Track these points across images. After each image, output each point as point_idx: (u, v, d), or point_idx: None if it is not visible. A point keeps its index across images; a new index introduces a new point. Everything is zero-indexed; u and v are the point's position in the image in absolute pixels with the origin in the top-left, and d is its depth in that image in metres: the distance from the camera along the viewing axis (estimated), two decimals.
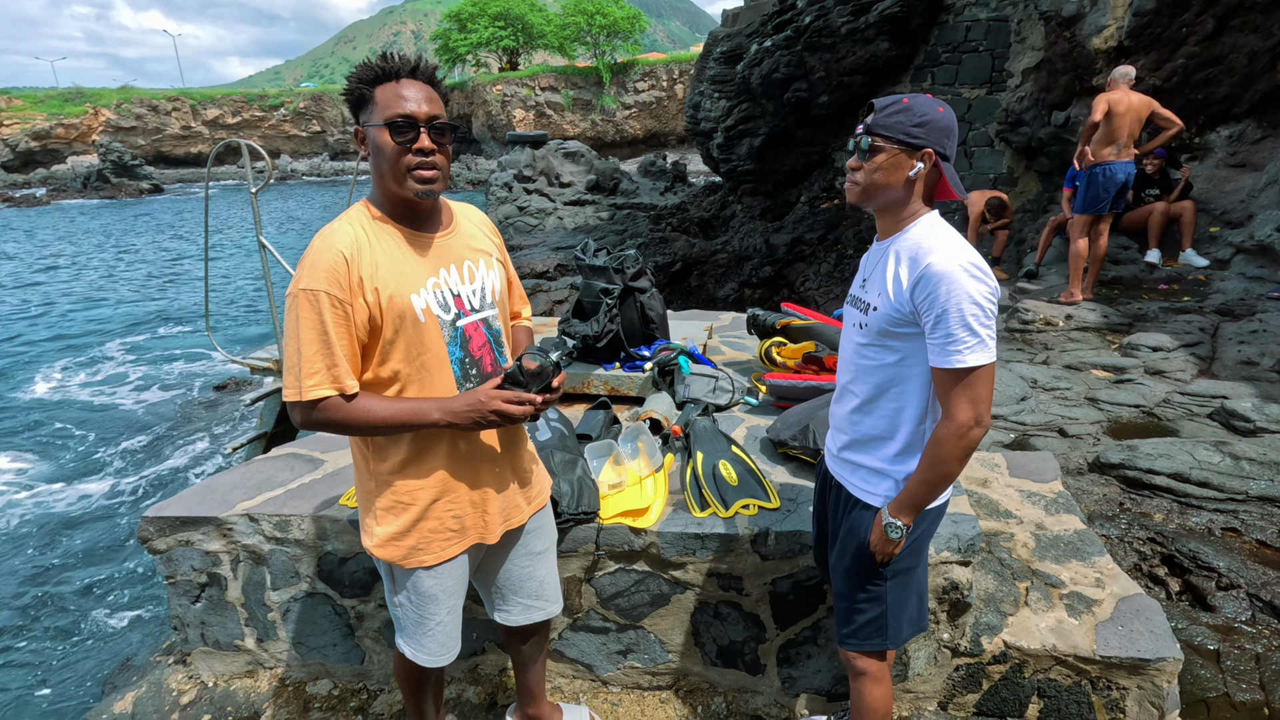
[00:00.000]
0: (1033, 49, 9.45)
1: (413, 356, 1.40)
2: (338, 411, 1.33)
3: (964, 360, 1.33)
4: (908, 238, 1.43)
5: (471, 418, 1.38)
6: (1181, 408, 4.25)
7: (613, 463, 2.28)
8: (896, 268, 1.42)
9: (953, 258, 1.32)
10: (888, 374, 1.48)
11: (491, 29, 43.08)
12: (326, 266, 1.29)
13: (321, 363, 1.31)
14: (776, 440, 2.39)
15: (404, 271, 1.38)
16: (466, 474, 1.53)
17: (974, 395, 1.35)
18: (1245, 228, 6.37)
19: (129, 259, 18.86)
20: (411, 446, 1.45)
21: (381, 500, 1.47)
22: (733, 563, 2.02)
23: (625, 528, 2.03)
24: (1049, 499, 2.70)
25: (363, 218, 1.39)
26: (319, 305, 1.29)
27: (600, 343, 2.88)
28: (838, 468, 1.66)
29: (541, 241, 15.55)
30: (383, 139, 1.33)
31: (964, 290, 1.30)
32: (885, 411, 1.51)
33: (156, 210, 30.43)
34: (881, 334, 1.45)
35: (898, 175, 1.40)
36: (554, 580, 1.81)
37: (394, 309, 1.35)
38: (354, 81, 1.36)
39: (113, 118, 43.48)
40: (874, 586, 1.59)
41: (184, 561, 2.30)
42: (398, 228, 1.41)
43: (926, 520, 1.56)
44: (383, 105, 1.33)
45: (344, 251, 1.31)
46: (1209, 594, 2.78)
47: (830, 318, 3.33)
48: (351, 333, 1.33)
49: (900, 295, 1.39)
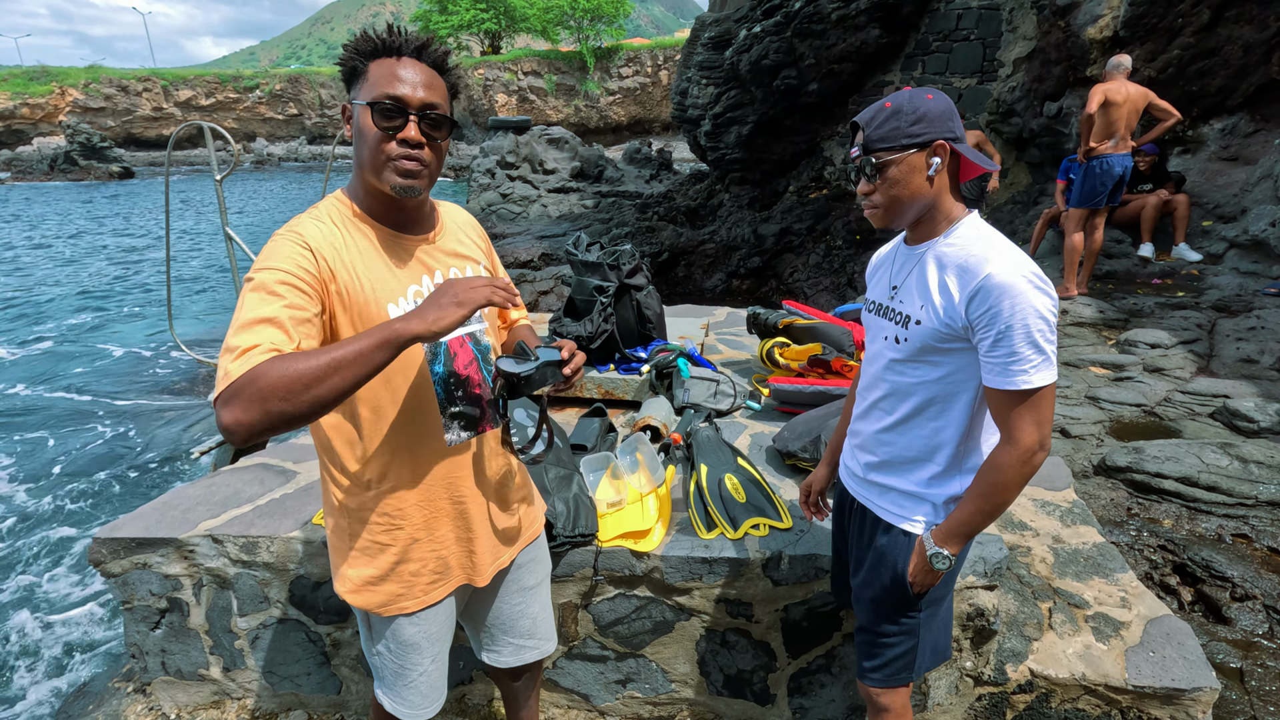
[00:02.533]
0: (1024, 38, 9.35)
1: (389, 374, 1.21)
2: (272, 373, 0.92)
3: (1029, 381, 1.18)
4: (951, 243, 1.28)
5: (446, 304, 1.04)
6: (1183, 407, 4.17)
7: (610, 477, 2.12)
8: (942, 277, 1.26)
9: (1014, 267, 1.17)
10: (930, 392, 1.33)
11: (473, 11, 42.21)
12: (288, 254, 1.09)
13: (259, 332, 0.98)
14: (785, 451, 2.24)
15: (380, 277, 1.19)
16: (452, 508, 1.34)
17: (1039, 417, 1.21)
18: (1238, 222, 6.33)
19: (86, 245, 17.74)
20: (388, 475, 1.26)
21: (355, 541, 1.28)
22: (742, 588, 1.87)
23: (626, 551, 1.87)
24: (1064, 509, 2.59)
25: (336, 213, 1.19)
26: (271, 279, 1.05)
27: (594, 344, 2.71)
28: (862, 490, 1.51)
29: (525, 230, 15.25)
30: (365, 120, 1.14)
31: (1029, 304, 1.15)
32: (923, 432, 1.37)
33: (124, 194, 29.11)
34: (925, 350, 1.30)
35: (917, 180, 1.26)
36: (548, 616, 1.64)
37: (365, 319, 1.16)
38: (350, 51, 1.17)
39: (80, 98, 42.08)
40: (907, 620, 1.45)
41: (141, 586, 2.10)
42: (376, 227, 1.21)
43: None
44: (373, 82, 1.14)
45: (310, 243, 1.11)
46: (1224, 605, 2.69)
47: (833, 316, 3.19)
48: (310, 304, 1.08)
49: (951, 309, 1.23)
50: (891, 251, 1.45)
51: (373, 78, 1.15)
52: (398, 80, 1.14)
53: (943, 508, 1.37)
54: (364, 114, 1.14)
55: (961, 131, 1.28)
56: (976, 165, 1.28)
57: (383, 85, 1.14)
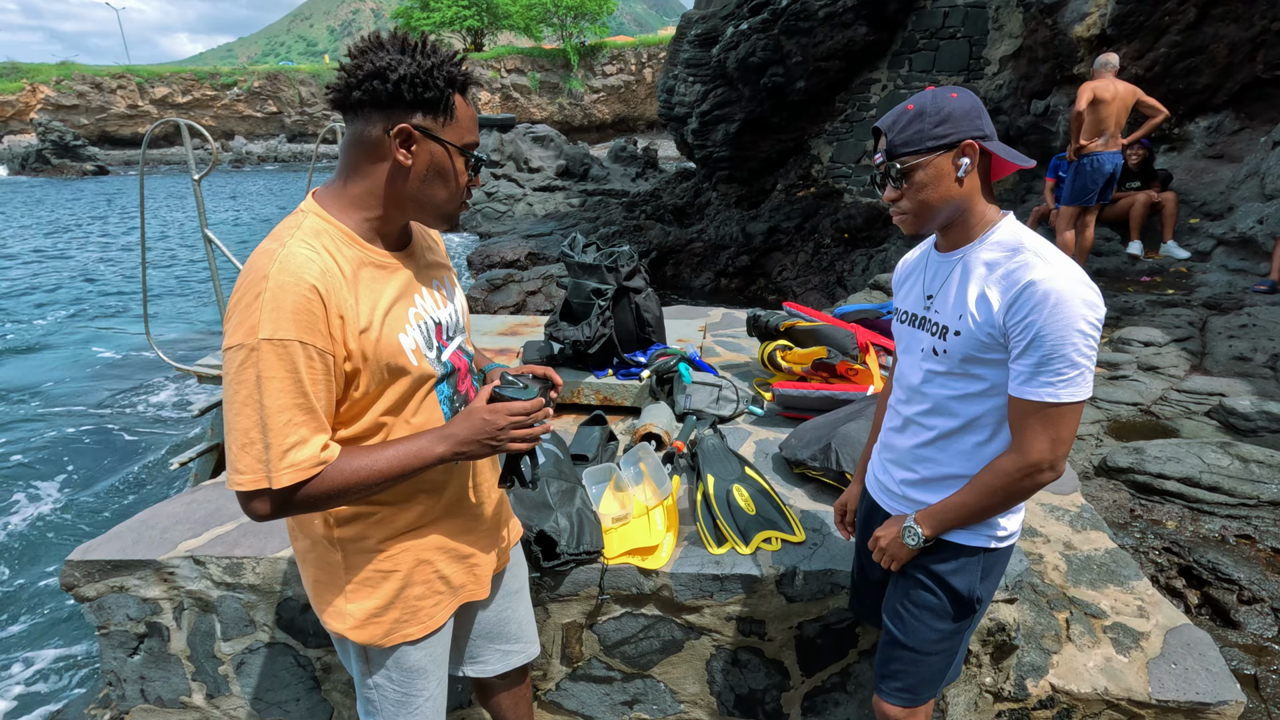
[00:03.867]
0: (1010, 36, 9.37)
1: (400, 406, 1.13)
2: (323, 484, 1.01)
3: (1056, 395, 1.12)
4: (988, 246, 1.21)
5: (483, 442, 1.11)
6: (1179, 405, 4.16)
7: (614, 489, 2.03)
8: (981, 285, 1.19)
9: (1059, 272, 1.10)
10: (973, 406, 1.27)
11: (455, 8, 41.81)
12: (296, 307, 0.96)
13: (301, 432, 0.99)
14: (793, 460, 2.17)
15: (385, 306, 1.09)
16: (455, 522, 1.27)
17: (1057, 435, 1.14)
18: (1226, 219, 6.36)
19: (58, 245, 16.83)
20: (395, 499, 1.18)
21: (353, 574, 1.18)
22: (754, 605, 1.79)
23: (633, 568, 1.79)
24: (1073, 514, 2.54)
25: (326, 236, 1.05)
26: (292, 359, 0.96)
27: (592, 348, 2.62)
28: (898, 506, 1.43)
29: (511, 229, 15.11)
30: (459, 166, 1.08)
31: (1074, 312, 1.08)
32: (965, 448, 1.30)
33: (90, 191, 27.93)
34: (966, 361, 1.23)
35: (946, 183, 1.19)
36: (530, 618, 1.59)
37: (383, 356, 1.06)
38: (437, 77, 1.02)
39: (52, 95, 41.10)
40: (947, 639, 1.38)
41: (118, 610, 1.98)
42: (367, 250, 1.10)
43: (1002, 561, 1.37)
44: (463, 125, 1.07)
45: (318, 287, 0.98)
46: (1232, 608, 2.66)
47: (833, 317, 3.12)
48: (332, 393, 1.03)
49: (990, 317, 1.16)
50: (921, 257, 1.38)
51: (462, 118, 1.06)
52: (474, 126, 1.09)
53: (984, 526, 1.31)
54: (457, 159, 1.08)
55: (991, 128, 1.20)
56: (1009, 163, 1.20)
57: (470, 130, 1.09)
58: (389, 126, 1.02)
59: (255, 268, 0.98)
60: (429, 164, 1.06)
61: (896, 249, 8.78)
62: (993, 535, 1.31)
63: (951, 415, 1.28)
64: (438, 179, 1.07)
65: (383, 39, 1.03)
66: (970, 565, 1.33)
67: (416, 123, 1.03)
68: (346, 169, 1.08)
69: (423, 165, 1.06)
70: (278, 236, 1.03)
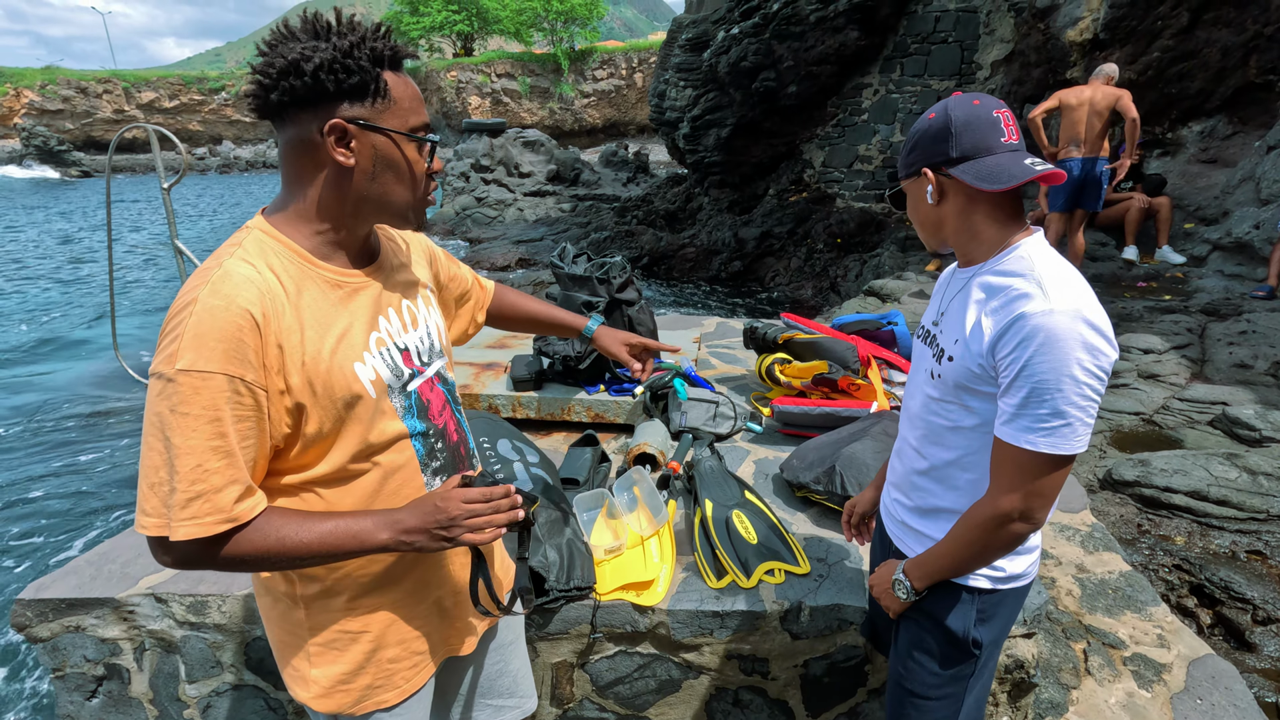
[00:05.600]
0: (1001, 41, 9.35)
1: (361, 444, 0.99)
2: (237, 545, 0.89)
3: (1034, 444, 1.00)
4: (997, 270, 1.10)
5: (433, 533, 0.96)
6: (1181, 414, 4.09)
7: (606, 517, 1.92)
8: (980, 310, 1.09)
9: (1058, 307, 0.97)
10: (964, 440, 1.16)
11: (445, 13, 41.64)
12: (224, 335, 0.83)
13: (213, 480, 0.85)
14: (795, 483, 2.06)
15: (339, 332, 0.95)
16: (434, 574, 1.13)
17: (1033, 488, 1.03)
18: (1221, 224, 6.33)
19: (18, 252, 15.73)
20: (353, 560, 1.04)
21: (318, 634, 1.05)
22: (757, 643, 1.68)
23: (628, 604, 1.67)
24: (1084, 533, 2.44)
25: (271, 254, 0.93)
26: (212, 394, 0.83)
27: (583, 364, 2.51)
28: (899, 534, 1.34)
29: (501, 234, 14.98)
30: (411, 154, 0.95)
31: (1066, 354, 0.96)
32: (959, 483, 1.19)
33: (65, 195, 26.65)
34: (960, 389, 1.13)
35: (924, 206, 1.17)
36: (527, 671, 1.45)
37: (335, 389, 0.93)
38: (359, 58, 0.88)
39: (37, 99, 40.61)
40: (942, 686, 1.27)
41: (74, 651, 1.85)
42: (325, 267, 0.97)
43: (1009, 602, 1.25)
44: (405, 106, 0.93)
45: (252, 312, 0.85)
46: (1246, 629, 2.57)
47: (832, 329, 3.02)
48: (265, 433, 0.90)
49: (979, 347, 1.06)
50: (951, 270, 1.29)
51: (400, 99, 0.93)
52: (420, 104, 0.96)
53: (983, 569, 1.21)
54: (407, 146, 0.94)
55: (966, 147, 1.07)
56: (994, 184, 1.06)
57: (415, 111, 0.95)
58: (320, 125, 0.90)
59: (187, 290, 0.87)
60: (374, 158, 0.93)
61: (890, 254, 8.72)
62: (988, 574, 1.20)
63: (944, 446, 1.19)
64: (389, 173, 0.95)
65: (292, 27, 0.90)
66: (964, 606, 1.21)
67: (348, 114, 0.90)
68: (288, 181, 0.96)
69: (368, 161, 0.93)
70: (217, 255, 0.91)
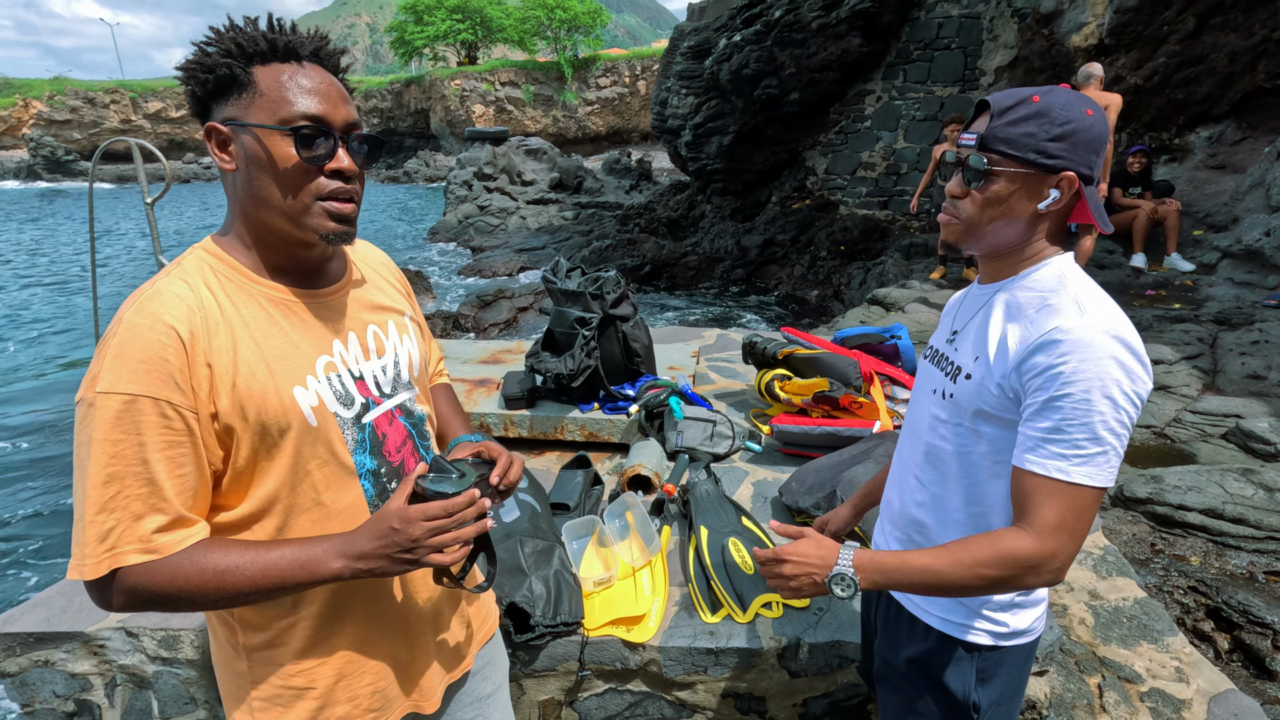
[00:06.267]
0: (1005, 47, 9.27)
1: (299, 479, 0.91)
2: (170, 581, 0.82)
3: (1066, 472, 0.90)
4: (1026, 285, 1.01)
5: (394, 557, 0.88)
6: (1194, 428, 3.99)
7: (597, 544, 1.84)
8: (1005, 325, 1.00)
9: (1095, 323, 0.89)
10: (973, 468, 1.06)
11: (449, 22, 41.90)
12: (147, 355, 0.79)
13: (133, 507, 0.80)
14: (795, 508, 1.98)
15: (280, 352, 0.90)
16: (390, 625, 1.03)
17: (1061, 520, 0.91)
18: (1230, 231, 6.23)
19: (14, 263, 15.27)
20: (306, 600, 0.96)
21: (260, 688, 0.97)
22: (754, 681, 1.60)
23: (617, 640, 1.59)
24: (1096, 556, 2.35)
25: (210, 271, 0.89)
26: (134, 417, 0.78)
27: (576, 381, 2.43)
28: None
29: (504, 242, 14.96)
30: (279, 150, 0.86)
31: (1104, 374, 0.87)
32: (961, 518, 1.09)
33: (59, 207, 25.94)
34: (972, 412, 1.03)
35: (1021, 208, 0.97)
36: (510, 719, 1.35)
37: (267, 414, 0.87)
38: (218, 52, 0.84)
39: (45, 110, 40.99)
40: None
41: (43, 686, 1.78)
42: (271, 287, 0.92)
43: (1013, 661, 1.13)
44: (273, 97, 0.85)
45: (177, 329, 0.81)
46: (1266, 655, 2.47)
47: (833, 344, 2.94)
48: (202, 459, 0.84)
49: (1004, 365, 0.97)
50: (964, 292, 1.20)
51: (269, 90, 0.85)
52: (310, 93, 0.86)
53: (980, 613, 1.09)
54: (273, 141, 0.86)
55: (1100, 173, 0.98)
56: (1090, 215, 0.99)
57: (292, 101, 0.86)
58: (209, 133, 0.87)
59: (119, 311, 0.83)
60: (246, 160, 0.86)
61: (894, 262, 8.63)
62: (991, 630, 1.09)
63: (947, 474, 1.08)
64: (261, 174, 0.87)
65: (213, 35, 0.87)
66: (962, 664, 1.11)
67: (222, 116, 0.86)
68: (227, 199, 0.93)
69: (242, 164, 0.87)
70: (156, 276, 0.87)
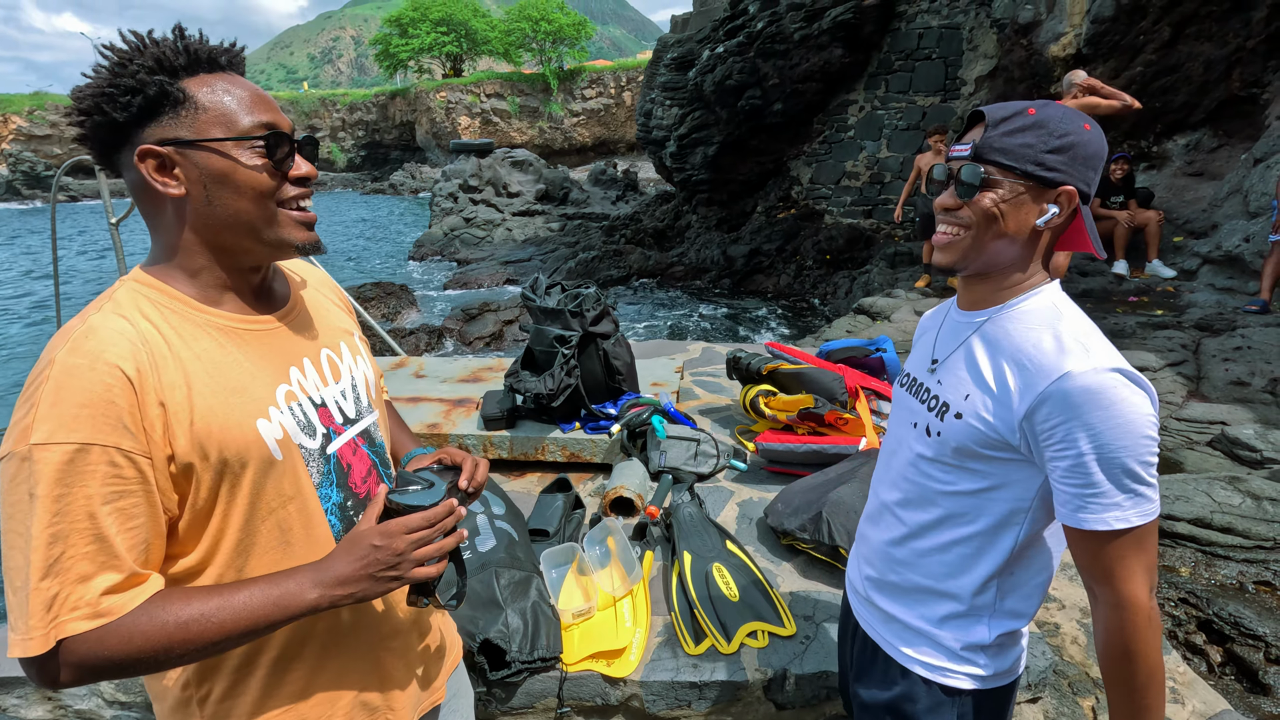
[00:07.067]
0: (985, 57, 9.38)
1: (262, 517, 0.85)
2: (127, 643, 0.73)
3: (1126, 520, 0.87)
4: (1014, 318, 0.96)
5: (378, 577, 0.84)
6: (1180, 435, 3.99)
7: (577, 573, 1.78)
8: (998, 363, 0.95)
9: (1102, 363, 0.86)
10: (959, 505, 1.01)
11: (434, 35, 41.95)
12: (89, 398, 0.71)
13: (81, 568, 0.71)
14: (780, 530, 1.93)
15: (238, 384, 0.83)
16: (359, 664, 0.98)
17: (1149, 561, 0.89)
18: (1210, 238, 6.28)
19: None
20: (270, 644, 0.89)
21: None
22: (739, 715, 1.54)
23: (597, 675, 1.53)
24: None
25: (149, 304, 0.82)
26: (78, 469, 0.71)
27: (556, 401, 2.38)
28: (863, 612, 1.18)
29: (490, 255, 14.91)
30: (247, 162, 0.81)
31: (1125, 416, 0.84)
32: (946, 557, 1.04)
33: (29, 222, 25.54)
34: (962, 453, 0.98)
35: (1019, 223, 0.93)
36: None
37: (229, 450, 0.80)
38: (141, 72, 0.77)
39: (24, 125, 40.51)
40: None
41: None
42: (217, 313, 0.86)
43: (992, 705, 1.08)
44: (219, 110, 0.80)
45: (122, 368, 0.74)
46: (1259, 668, 2.44)
47: (818, 359, 2.91)
48: (156, 508, 0.77)
49: (1007, 413, 0.92)
50: (939, 312, 1.13)
51: (212, 104, 0.80)
52: (254, 102, 0.82)
53: (961, 653, 1.04)
54: (239, 153, 0.81)
55: (1095, 189, 0.95)
56: (1087, 240, 0.96)
57: (243, 111, 0.81)
58: (134, 159, 0.80)
59: (45, 352, 0.75)
60: (202, 178, 0.81)
61: (879, 270, 8.65)
62: (973, 674, 1.04)
63: (931, 512, 1.03)
64: (225, 191, 0.82)
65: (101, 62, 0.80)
66: (941, 711, 1.06)
67: (157, 137, 0.79)
68: (150, 230, 0.86)
69: (197, 184, 0.81)
70: (83, 313, 0.79)
